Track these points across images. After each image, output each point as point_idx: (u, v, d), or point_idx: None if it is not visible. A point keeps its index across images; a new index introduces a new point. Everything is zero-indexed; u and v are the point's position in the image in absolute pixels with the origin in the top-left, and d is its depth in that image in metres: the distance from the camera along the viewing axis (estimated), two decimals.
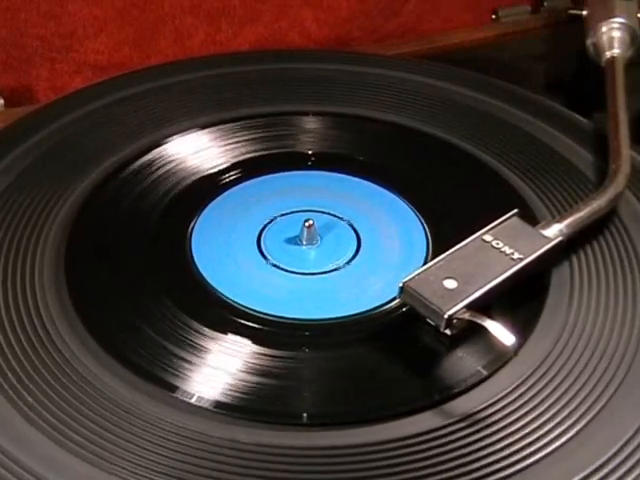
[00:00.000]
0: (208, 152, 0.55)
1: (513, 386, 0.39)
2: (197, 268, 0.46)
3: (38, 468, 0.35)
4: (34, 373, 0.39)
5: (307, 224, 0.47)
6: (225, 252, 0.47)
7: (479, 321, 0.39)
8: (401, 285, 0.41)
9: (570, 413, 0.38)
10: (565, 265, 0.46)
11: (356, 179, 0.53)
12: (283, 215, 0.50)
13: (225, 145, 0.55)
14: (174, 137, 0.55)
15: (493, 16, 0.78)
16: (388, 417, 0.38)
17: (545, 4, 0.80)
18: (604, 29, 0.63)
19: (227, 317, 0.43)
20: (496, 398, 0.39)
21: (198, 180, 0.52)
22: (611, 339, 0.42)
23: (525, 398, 0.39)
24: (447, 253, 0.43)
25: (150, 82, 0.61)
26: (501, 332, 0.38)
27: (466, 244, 0.43)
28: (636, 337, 0.42)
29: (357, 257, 0.47)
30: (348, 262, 0.47)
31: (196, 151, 0.54)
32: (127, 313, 0.43)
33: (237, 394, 0.38)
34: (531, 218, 0.47)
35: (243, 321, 0.43)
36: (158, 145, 0.54)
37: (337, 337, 0.42)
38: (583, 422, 0.37)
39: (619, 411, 0.38)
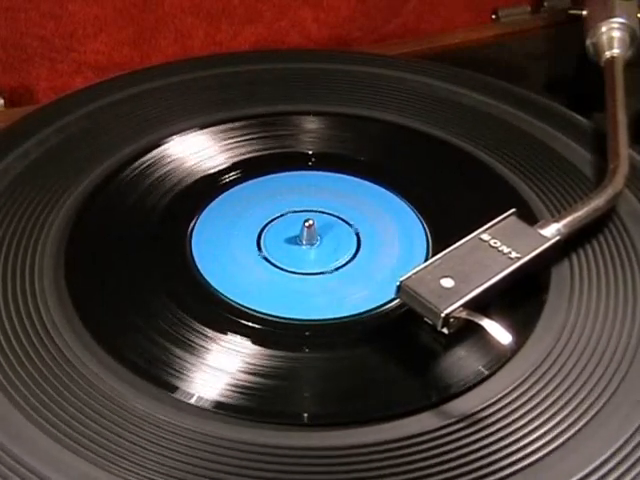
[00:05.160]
0: (208, 152, 0.55)
1: (513, 386, 0.39)
2: (197, 268, 0.46)
3: (37, 466, 0.35)
4: (34, 372, 0.39)
5: (307, 224, 0.47)
6: (225, 252, 0.47)
7: (476, 320, 0.39)
8: (398, 284, 0.41)
9: (570, 413, 0.38)
10: (565, 264, 0.46)
11: (356, 179, 0.54)
12: (283, 215, 0.50)
13: (225, 145, 0.55)
14: (174, 137, 0.55)
15: (493, 16, 0.78)
16: (388, 417, 0.38)
17: (545, 4, 0.80)
18: (604, 29, 0.63)
19: (227, 317, 0.43)
20: (496, 398, 0.39)
21: (198, 180, 0.53)
22: (611, 339, 0.42)
23: (525, 398, 0.39)
24: (444, 252, 0.43)
25: (150, 82, 0.61)
26: (498, 331, 0.38)
27: (463, 243, 0.43)
28: (636, 337, 0.42)
29: (357, 257, 0.47)
30: (348, 262, 0.47)
31: (196, 151, 0.54)
32: (127, 313, 0.43)
33: (237, 394, 0.38)
34: (530, 217, 0.47)
35: (243, 321, 0.43)
36: (158, 145, 0.54)
37: (337, 337, 0.42)
38: (583, 422, 0.37)
39: (619, 411, 0.38)
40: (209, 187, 0.52)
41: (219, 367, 0.40)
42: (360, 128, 0.57)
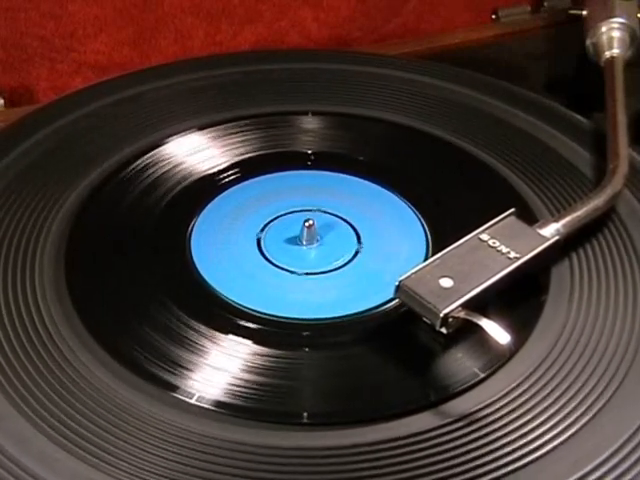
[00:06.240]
0: (208, 152, 0.55)
1: (512, 386, 0.39)
2: (197, 268, 0.46)
3: (36, 468, 0.35)
4: (34, 372, 0.39)
5: (307, 224, 0.47)
6: (225, 252, 0.47)
7: (474, 320, 0.39)
8: (397, 284, 0.41)
9: (568, 414, 0.38)
10: (564, 264, 0.46)
11: (356, 179, 0.54)
12: (283, 215, 0.50)
13: (225, 145, 0.55)
14: (174, 137, 0.55)
15: (493, 16, 0.78)
16: (387, 417, 0.38)
17: (545, 4, 0.80)
18: (604, 29, 0.63)
19: (227, 317, 0.43)
20: (495, 398, 0.39)
21: (198, 180, 0.53)
22: (611, 339, 0.42)
23: (524, 398, 0.39)
24: (443, 252, 0.43)
25: (150, 82, 0.61)
26: (496, 331, 0.38)
27: (462, 243, 0.43)
28: (636, 337, 0.42)
29: (357, 257, 0.47)
30: (348, 262, 0.47)
31: (196, 151, 0.54)
32: (127, 313, 0.43)
33: (237, 394, 0.39)
34: (530, 217, 0.47)
35: (243, 321, 0.43)
36: (158, 145, 0.54)
37: (336, 337, 0.43)
38: (581, 422, 0.37)
39: (617, 412, 0.38)
40: (209, 187, 0.52)
41: (219, 367, 0.40)
42: (360, 128, 0.57)
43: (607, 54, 0.61)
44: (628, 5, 0.64)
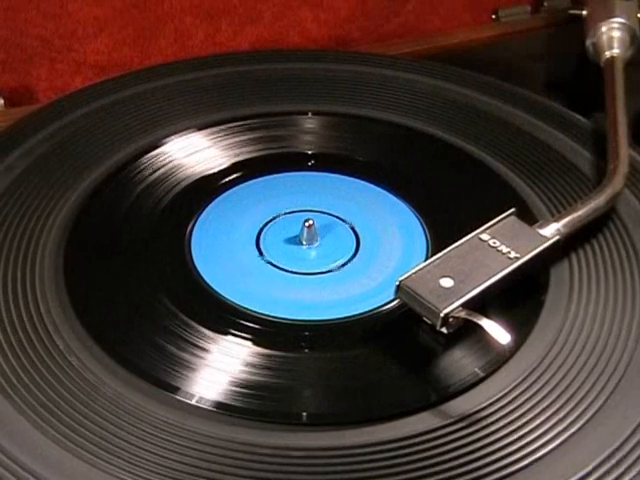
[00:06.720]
0: (208, 152, 0.55)
1: (512, 386, 0.39)
2: (197, 269, 0.46)
3: (37, 467, 0.35)
4: (34, 373, 0.39)
5: (307, 224, 0.47)
6: (225, 252, 0.47)
7: (475, 319, 0.39)
8: (397, 283, 0.41)
9: (568, 413, 0.38)
10: (564, 264, 0.46)
11: (356, 179, 0.54)
12: (283, 215, 0.50)
13: (225, 145, 0.55)
14: (174, 137, 0.55)
15: (493, 16, 0.78)
16: (387, 417, 0.38)
17: (545, 4, 0.80)
18: (604, 29, 0.63)
19: (227, 318, 0.43)
20: (495, 398, 0.39)
21: (198, 180, 0.53)
22: (609, 339, 0.42)
23: (524, 398, 0.39)
24: (444, 252, 0.43)
25: (150, 82, 0.61)
26: (496, 330, 0.38)
27: (463, 243, 0.44)
28: (634, 337, 0.42)
29: (357, 257, 0.47)
30: (348, 262, 0.47)
31: (196, 151, 0.54)
32: (127, 314, 0.43)
33: (237, 394, 0.38)
34: (530, 217, 0.47)
35: (243, 322, 0.43)
36: (158, 145, 0.54)
37: (337, 337, 0.42)
38: (581, 422, 0.37)
39: (616, 411, 0.38)
40: (209, 187, 0.52)
41: (219, 368, 0.40)
42: (360, 128, 0.57)
43: (607, 54, 0.62)
44: (628, 5, 0.64)
